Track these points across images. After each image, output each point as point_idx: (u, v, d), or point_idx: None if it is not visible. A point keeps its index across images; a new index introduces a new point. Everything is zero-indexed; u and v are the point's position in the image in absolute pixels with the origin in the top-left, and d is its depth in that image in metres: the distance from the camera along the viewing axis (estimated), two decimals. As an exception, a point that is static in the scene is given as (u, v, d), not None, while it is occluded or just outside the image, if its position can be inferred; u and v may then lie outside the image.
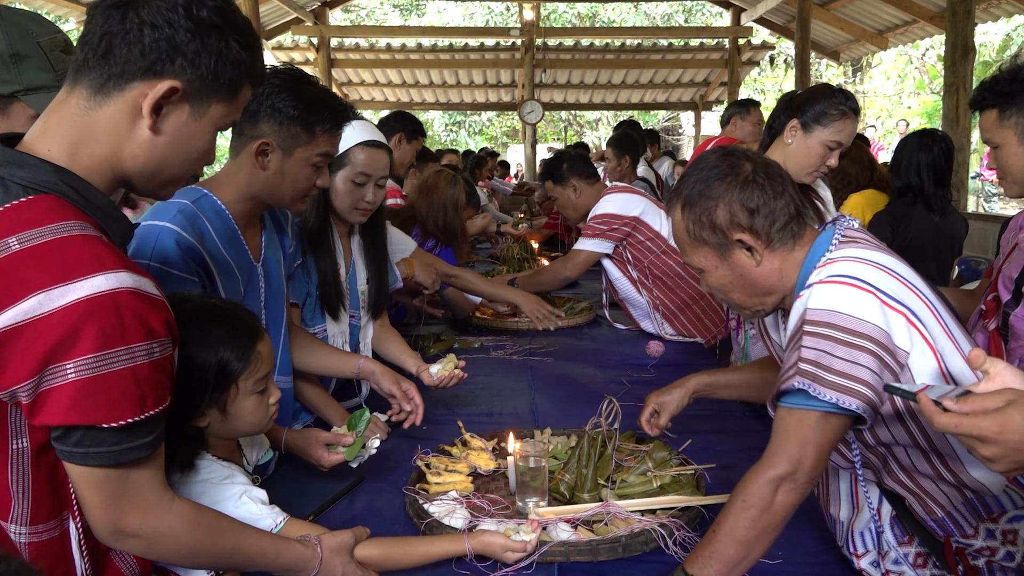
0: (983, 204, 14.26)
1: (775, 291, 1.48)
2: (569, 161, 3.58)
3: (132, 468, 1.08)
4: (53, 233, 1.00)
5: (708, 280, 1.51)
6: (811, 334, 1.31)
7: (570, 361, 3.02)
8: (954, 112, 6.27)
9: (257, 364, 1.41)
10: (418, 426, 2.09)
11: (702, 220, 1.45)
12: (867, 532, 1.48)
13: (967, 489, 1.35)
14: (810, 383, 1.28)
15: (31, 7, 8.41)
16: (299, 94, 1.75)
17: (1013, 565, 1.34)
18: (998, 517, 1.35)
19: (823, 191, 2.64)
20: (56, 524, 1.11)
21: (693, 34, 14.36)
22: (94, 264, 1.00)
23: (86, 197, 1.08)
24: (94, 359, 0.98)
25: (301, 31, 12.14)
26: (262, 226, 1.94)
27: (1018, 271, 1.87)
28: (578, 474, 1.81)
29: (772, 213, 1.42)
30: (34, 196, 1.04)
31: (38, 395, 0.99)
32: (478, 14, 22.14)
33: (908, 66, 20.12)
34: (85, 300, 0.98)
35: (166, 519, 1.13)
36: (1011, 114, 1.78)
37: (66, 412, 0.99)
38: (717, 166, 1.46)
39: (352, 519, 1.73)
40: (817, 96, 2.36)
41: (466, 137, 25.03)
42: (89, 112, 1.09)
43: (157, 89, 1.08)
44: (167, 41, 1.07)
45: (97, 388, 0.99)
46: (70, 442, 1.03)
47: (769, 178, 1.45)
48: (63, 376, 0.98)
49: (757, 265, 1.45)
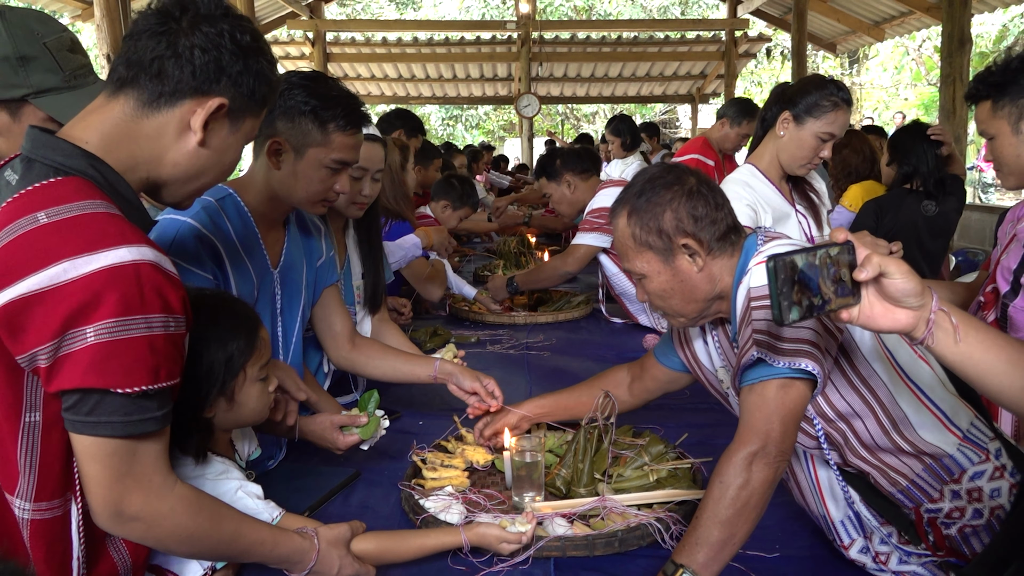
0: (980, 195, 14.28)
1: (711, 297, 1.54)
2: (563, 157, 3.58)
3: (140, 442, 1.11)
4: (81, 209, 1.06)
5: (648, 285, 1.55)
6: (758, 307, 1.40)
7: (567, 355, 3.01)
8: (951, 103, 6.26)
9: (261, 350, 1.45)
10: (414, 422, 2.08)
11: (649, 225, 1.50)
12: (847, 521, 1.51)
13: (925, 456, 1.42)
14: (766, 352, 1.36)
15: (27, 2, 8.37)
16: (313, 91, 1.74)
17: (983, 522, 1.40)
18: (960, 477, 1.41)
19: (818, 183, 2.63)
20: (60, 504, 1.13)
21: (689, 26, 14.32)
22: (118, 237, 1.05)
23: (113, 185, 1.15)
24: (113, 323, 1.02)
25: (297, 25, 12.11)
26: (287, 235, 1.93)
27: (1016, 262, 1.87)
28: (574, 468, 1.80)
29: (714, 223, 1.50)
30: (64, 177, 1.10)
31: (57, 359, 1.02)
32: (474, 7, 22.07)
33: (905, 57, 20.10)
34: (108, 268, 1.02)
35: (168, 500, 1.15)
36: (1004, 104, 1.79)
37: (83, 375, 1.02)
38: (663, 177, 1.54)
39: (348, 515, 1.72)
40: (809, 87, 2.35)
41: (463, 131, 25.00)
42: (136, 120, 1.17)
43: (208, 106, 1.18)
44: (215, 63, 1.17)
45: (114, 352, 1.03)
46: (83, 411, 1.06)
47: (711, 191, 1.53)
48: (83, 339, 1.02)
49: (699, 271, 1.51)
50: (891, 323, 1.05)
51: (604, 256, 3.46)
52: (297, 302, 1.95)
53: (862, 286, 1.05)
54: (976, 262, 4.45)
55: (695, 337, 1.75)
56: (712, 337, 1.68)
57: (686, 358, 1.78)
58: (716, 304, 1.56)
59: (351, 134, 1.79)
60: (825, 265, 1.03)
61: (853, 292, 1.05)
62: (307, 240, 2.02)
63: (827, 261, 1.03)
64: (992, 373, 1.07)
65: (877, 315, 1.05)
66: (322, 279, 2.08)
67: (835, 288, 1.04)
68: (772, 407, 1.37)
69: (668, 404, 2.43)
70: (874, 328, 1.07)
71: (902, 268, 1.02)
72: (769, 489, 1.36)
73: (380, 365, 2.15)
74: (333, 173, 1.79)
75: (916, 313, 1.05)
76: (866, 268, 1.02)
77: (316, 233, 2.06)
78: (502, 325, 3.47)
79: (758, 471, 1.35)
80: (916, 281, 1.03)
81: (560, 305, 3.73)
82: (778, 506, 1.67)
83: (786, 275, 1.01)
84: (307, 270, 2.00)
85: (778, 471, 1.36)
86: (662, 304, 1.57)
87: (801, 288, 1.02)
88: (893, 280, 1.02)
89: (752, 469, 1.35)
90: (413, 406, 2.41)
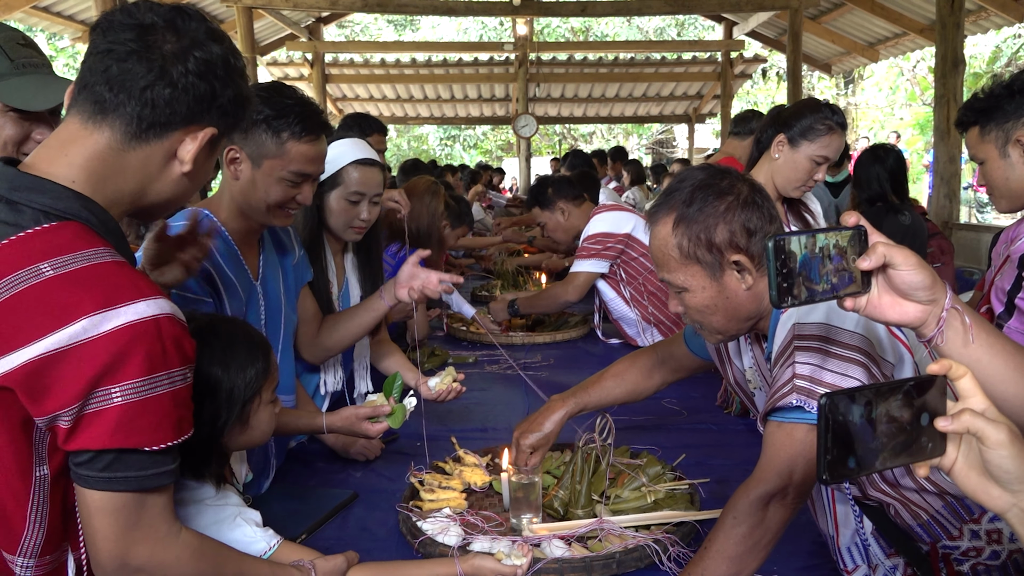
0: (976, 215, 14.32)
1: (753, 316, 1.45)
2: (554, 185, 3.61)
3: (150, 495, 1.08)
4: (87, 259, 1.01)
5: (689, 300, 1.44)
6: (803, 349, 1.30)
7: (564, 375, 3.01)
8: (945, 123, 6.31)
9: (274, 373, 1.47)
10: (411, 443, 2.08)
11: (699, 237, 1.38)
12: (854, 548, 1.48)
13: (948, 495, 1.37)
14: (805, 399, 1.27)
15: (27, 24, 8.45)
16: (267, 101, 1.72)
17: (998, 563, 1.36)
18: (979, 517, 1.37)
19: (813, 204, 2.65)
20: (55, 557, 1.10)
21: (686, 48, 14.45)
22: (133, 291, 1.01)
23: (106, 225, 1.10)
24: (140, 383, 0.99)
25: (296, 47, 12.19)
26: (260, 247, 1.94)
27: (1010, 283, 1.89)
28: (572, 490, 1.80)
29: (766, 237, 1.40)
30: (57, 223, 1.04)
31: (80, 419, 0.99)
32: (472, 29, 22.24)
33: (900, 78, 20.22)
34: (131, 325, 0.99)
35: (173, 550, 1.12)
36: (991, 129, 1.83)
37: (111, 436, 0.99)
38: (713, 184, 1.41)
39: (345, 537, 1.72)
40: (803, 111, 2.38)
41: (461, 151, 25.09)
42: (122, 152, 1.11)
43: (201, 138, 1.13)
44: (210, 93, 1.12)
45: (142, 412, 1.00)
46: (97, 467, 1.02)
47: (764, 200, 1.42)
48: (108, 400, 0.99)
49: (747, 289, 1.40)
50: (899, 316, 0.98)
51: (601, 281, 3.47)
52: (278, 312, 1.96)
53: (871, 275, 0.98)
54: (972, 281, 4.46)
55: None
56: (746, 340, 1.61)
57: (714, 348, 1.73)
58: (757, 323, 1.47)
59: (307, 142, 1.74)
60: (832, 250, 0.95)
61: (861, 280, 0.97)
62: (278, 243, 2.03)
63: (835, 246, 0.95)
64: (997, 379, 1.01)
65: (885, 306, 0.98)
66: (300, 277, 2.09)
67: (841, 275, 0.96)
68: (799, 450, 1.30)
69: (665, 424, 2.44)
70: (882, 320, 1.00)
71: (911, 259, 0.95)
72: (782, 529, 1.33)
73: (341, 327, 2.17)
74: (293, 186, 1.75)
75: (926, 308, 0.98)
76: (870, 257, 0.95)
77: (284, 234, 2.06)
78: (500, 345, 3.46)
79: (774, 512, 1.31)
80: (926, 274, 0.96)
81: (557, 325, 3.74)
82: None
83: (787, 257, 0.93)
84: (283, 275, 2.01)
85: (794, 512, 1.33)
86: (700, 319, 1.46)
87: (803, 273, 0.94)
88: (900, 271, 0.95)
89: (768, 509, 1.31)
90: (411, 427, 2.41)
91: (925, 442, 0.84)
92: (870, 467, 0.83)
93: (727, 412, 2.55)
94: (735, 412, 2.52)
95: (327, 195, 2.21)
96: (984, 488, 0.85)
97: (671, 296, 1.48)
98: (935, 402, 0.84)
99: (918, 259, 0.96)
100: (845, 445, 0.81)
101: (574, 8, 10.59)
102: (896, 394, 0.82)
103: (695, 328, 1.52)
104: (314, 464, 2.14)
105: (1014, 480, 0.83)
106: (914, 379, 0.84)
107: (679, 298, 1.46)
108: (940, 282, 0.97)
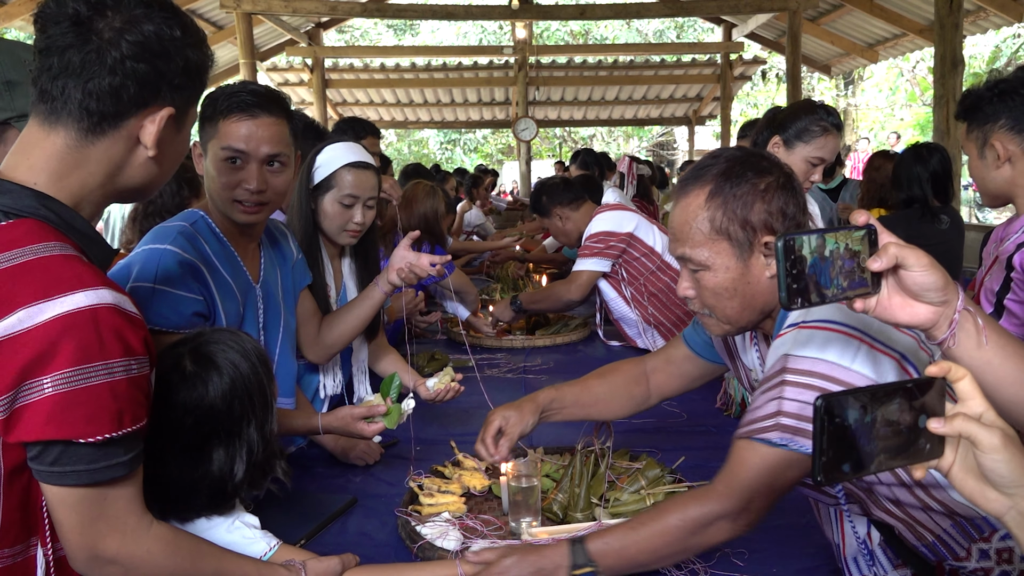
0: (976, 214, 14.32)
1: (766, 310, 1.40)
2: (548, 192, 3.63)
3: (109, 488, 1.08)
4: (34, 253, 1.02)
5: (707, 280, 1.35)
6: (794, 384, 1.25)
7: (564, 378, 2.98)
8: (945, 124, 6.32)
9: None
10: (410, 447, 2.08)
11: (735, 212, 1.31)
12: (860, 558, 1.45)
13: (956, 515, 1.31)
14: (791, 437, 1.24)
15: (28, 32, 8.46)
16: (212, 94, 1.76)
17: None
18: (989, 536, 1.31)
19: (812, 207, 2.65)
20: (21, 550, 1.09)
21: (685, 50, 14.44)
22: (74, 282, 1.01)
23: (67, 221, 1.09)
24: (72, 373, 0.99)
25: (295, 52, 12.22)
26: (261, 248, 1.95)
27: (999, 284, 1.89)
28: (571, 493, 1.80)
29: (799, 227, 1.33)
30: (15, 220, 1.05)
31: (14, 411, 0.99)
32: (471, 33, 22.30)
33: (899, 78, 20.25)
34: (64, 315, 0.98)
35: (144, 542, 1.12)
36: (973, 128, 1.87)
37: (43, 427, 0.99)
38: (755, 161, 1.35)
39: (345, 542, 1.72)
40: (799, 112, 2.38)
41: (461, 155, 25.14)
42: (81, 149, 1.10)
43: (158, 120, 1.12)
44: (152, 72, 1.09)
45: (74, 402, 0.99)
46: (47, 461, 1.02)
47: (798, 189, 1.37)
48: (40, 391, 0.98)
49: (770, 277, 1.34)
50: (910, 317, 0.96)
51: (603, 280, 3.47)
52: (277, 316, 1.96)
53: (882, 276, 0.96)
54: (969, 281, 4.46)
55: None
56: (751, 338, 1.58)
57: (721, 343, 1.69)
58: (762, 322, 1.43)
59: (236, 120, 1.73)
60: (843, 250, 0.93)
61: (871, 281, 0.96)
62: (277, 247, 2.04)
63: (845, 246, 0.93)
64: (1007, 383, 0.99)
65: (895, 307, 0.96)
66: (299, 280, 2.09)
67: (851, 276, 0.94)
68: (768, 479, 1.27)
69: (665, 427, 2.44)
70: (892, 321, 0.98)
71: (922, 260, 0.93)
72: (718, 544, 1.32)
73: (340, 323, 2.17)
74: (232, 166, 1.74)
75: (938, 309, 0.95)
76: (881, 258, 0.93)
77: (282, 238, 2.07)
78: (500, 349, 3.47)
79: (716, 531, 1.30)
80: (938, 275, 0.93)
81: (557, 328, 3.74)
82: (774, 529, 1.66)
83: (797, 257, 0.91)
84: (282, 278, 2.01)
85: (736, 536, 1.32)
86: (714, 303, 1.37)
87: (813, 274, 0.92)
88: (911, 272, 0.93)
89: (713, 528, 1.30)
90: (410, 432, 2.41)
91: (923, 444, 0.84)
92: (866, 469, 0.82)
93: (726, 414, 2.55)
94: (735, 414, 2.51)
95: (321, 198, 2.22)
96: (981, 491, 0.85)
97: (684, 276, 1.41)
98: (934, 404, 0.83)
99: (930, 260, 0.94)
100: (840, 447, 0.80)
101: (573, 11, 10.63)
102: (894, 396, 0.82)
103: (701, 316, 1.45)
104: (313, 469, 2.14)
105: (1010, 484, 0.83)
106: (912, 381, 0.83)
107: (695, 278, 1.38)
108: (952, 283, 0.95)
